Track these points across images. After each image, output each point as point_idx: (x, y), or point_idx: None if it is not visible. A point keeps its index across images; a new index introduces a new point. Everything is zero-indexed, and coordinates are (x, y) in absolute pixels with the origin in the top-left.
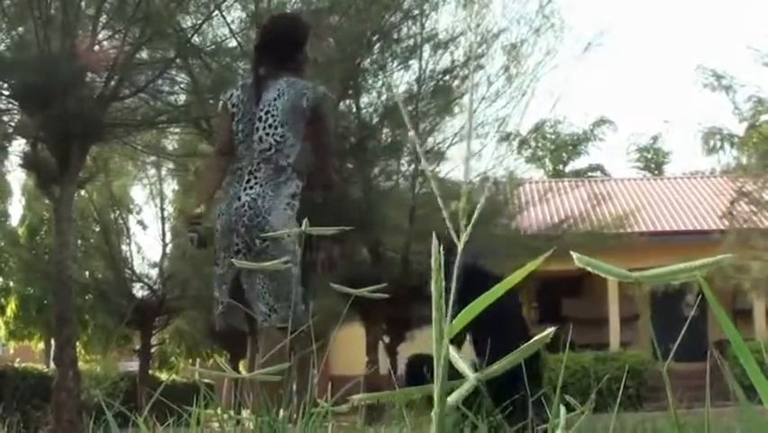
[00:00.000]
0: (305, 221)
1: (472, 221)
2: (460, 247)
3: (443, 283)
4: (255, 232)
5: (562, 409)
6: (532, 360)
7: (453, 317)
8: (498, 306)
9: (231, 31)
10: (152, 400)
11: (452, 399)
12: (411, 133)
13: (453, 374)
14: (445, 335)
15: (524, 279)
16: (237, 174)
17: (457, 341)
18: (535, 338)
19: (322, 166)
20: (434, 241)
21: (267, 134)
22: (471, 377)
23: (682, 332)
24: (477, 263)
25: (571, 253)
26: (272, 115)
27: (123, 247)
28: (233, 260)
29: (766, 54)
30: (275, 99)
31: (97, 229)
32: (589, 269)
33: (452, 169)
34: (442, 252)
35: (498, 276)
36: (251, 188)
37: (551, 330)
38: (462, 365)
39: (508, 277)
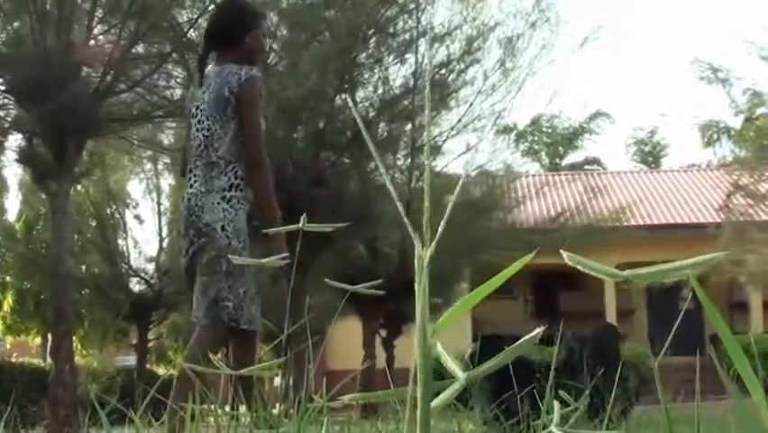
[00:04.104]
0: (302, 217)
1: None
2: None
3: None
4: (192, 231)
5: (556, 404)
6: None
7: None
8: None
9: None
10: (148, 398)
11: (437, 402)
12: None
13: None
14: (428, 336)
15: (520, 273)
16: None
17: None
18: (526, 337)
19: (247, 150)
20: (417, 245)
21: (197, 130)
22: (461, 377)
23: (676, 325)
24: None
25: (562, 252)
26: (201, 110)
27: (120, 242)
28: (182, 260)
29: (762, 47)
30: (204, 92)
31: (94, 224)
32: (579, 267)
33: (448, 162)
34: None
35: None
36: (191, 186)
37: (540, 329)
38: (452, 364)
39: (503, 271)
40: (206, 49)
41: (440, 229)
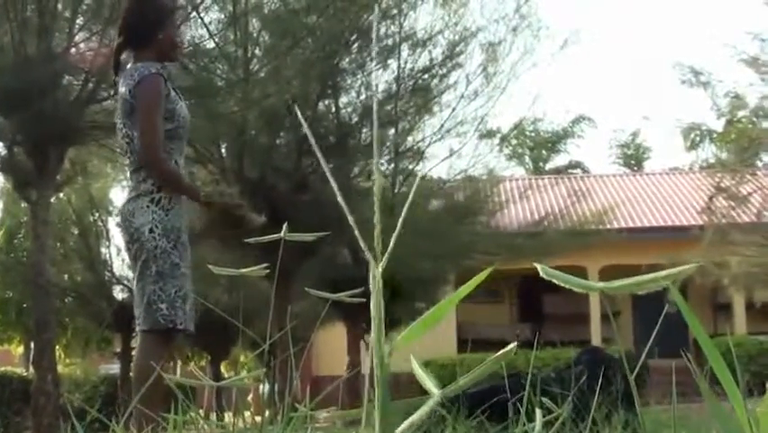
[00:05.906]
0: (284, 226)
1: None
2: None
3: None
4: (126, 237)
5: (538, 412)
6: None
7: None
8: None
9: (209, 32)
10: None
11: (405, 426)
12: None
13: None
14: (385, 356)
15: (504, 276)
16: None
17: None
18: (500, 353)
19: (140, 152)
20: (369, 254)
21: (120, 137)
22: (436, 394)
23: (658, 327)
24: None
25: (536, 264)
26: (118, 115)
27: (103, 249)
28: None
29: (743, 51)
30: (119, 96)
31: (76, 232)
32: (554, 281)
33: (431, 167)
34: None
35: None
36: (128, 193)
37: (513, 346)
38: (427, 381)
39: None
40: (119, 48)
41: (391, 244)
